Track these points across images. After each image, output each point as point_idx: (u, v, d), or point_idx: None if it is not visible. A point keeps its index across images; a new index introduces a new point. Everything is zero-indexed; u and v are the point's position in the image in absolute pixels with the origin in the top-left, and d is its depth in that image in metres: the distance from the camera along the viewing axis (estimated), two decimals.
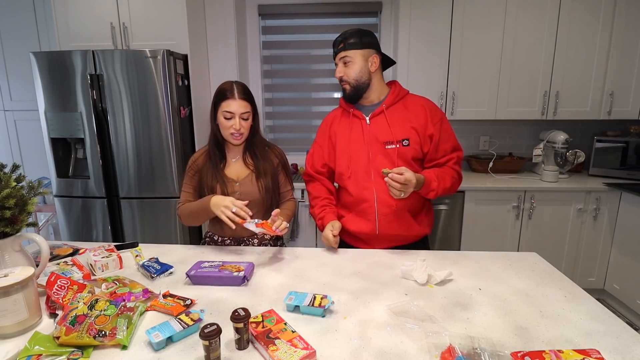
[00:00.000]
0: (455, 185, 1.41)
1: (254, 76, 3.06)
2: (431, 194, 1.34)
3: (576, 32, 2.50)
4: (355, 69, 1.38)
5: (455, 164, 1.42)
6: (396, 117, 1.39)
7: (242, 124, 1.38)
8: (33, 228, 1.08)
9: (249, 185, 1.43)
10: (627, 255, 2.36)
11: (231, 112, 1.36)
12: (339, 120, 1.50)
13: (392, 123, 1.39)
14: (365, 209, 1.42)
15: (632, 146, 2.55)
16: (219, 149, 1.46)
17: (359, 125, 1.43)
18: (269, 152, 1.50)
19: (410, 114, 1.39)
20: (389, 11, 2.89)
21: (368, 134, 1.40)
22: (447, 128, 1.42)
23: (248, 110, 1.38)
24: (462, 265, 1.25)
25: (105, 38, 2.41)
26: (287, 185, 1.54)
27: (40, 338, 0.81)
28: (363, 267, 1.23)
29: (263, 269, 1.22)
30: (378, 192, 1.39)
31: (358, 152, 1.41)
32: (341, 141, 1.45)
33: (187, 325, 0.85)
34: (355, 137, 1.43)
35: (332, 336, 0.86)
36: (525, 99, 2.62)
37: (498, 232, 2.53)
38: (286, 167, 1.54)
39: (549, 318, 0.93)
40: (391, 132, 1.38)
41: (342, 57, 1.39)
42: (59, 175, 2.40)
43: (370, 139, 1.40)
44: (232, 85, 1.39)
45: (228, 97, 1.36)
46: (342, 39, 1.39)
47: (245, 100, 1.38)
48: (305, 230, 2.67)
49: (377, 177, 1.38)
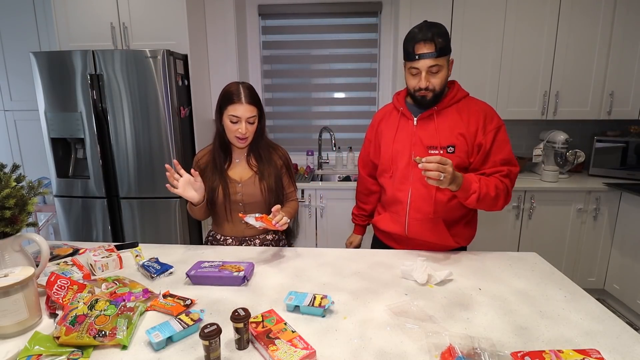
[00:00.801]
0: (500, 197, 1.24)
1: (254, 76, 3.06)
2: (472, 196, 1.19)
3: (576, 32, 2.50)
4: (443, 77, 1.24)
5: (504, 177, 1.25)
6: (446, 121, 1.30)
7: (249, 128, 1.36)
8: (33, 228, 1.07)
9: (252, 187, 1.43)
10: (627, 255, 2.36)
11: (237, 117, 1.34)
12: (388, 117, 1.43)
13: (439, 127, 1.29)
14: (397, 210, 1.39)
15: (632, 146, 2.55)
16: (224, 150, 1.45)
17: (406, 125, 1.36)
18: (272, 153, 1.49)
19: (462, 120, 1.29)
20: (389, 11, 2.89)
21: (413, 135, 1.33)
22: (502, 139, 1.28)
23: (254, 114, 1.36)
24: (462, 265, 1.25)
25: (105, 38, 2.41)
26: (290, 187, 1.54)
27: (40, 338, 0.80)
28: (363, 267, 1.23)
29: (263, 269, 1.22)
30: (413, 196, 1.34)
31: (401, 153, 1.35)
32: (387, 139, 1.40)
33: (187, 325, 0.85)
34: (400, 137, 1.36)
35: (332, 336, 0.86)
36: (525, 99, 2.62)
37: (498, 232, 2.53)
38: (290, 168, 1.53)
39: (549, 318, 0.93)
40: (437, 137, 1.29)
41: (432, 65, 1.20)
42: (59, 175, 2.40)
43: (415, 141, 1.33)
44: (239, 88, 1.36)
45: (235, 101, 1.34)
46: (430, 39, 1.17)
47: (252, 104, 1.35)
48: (305, 230, 2.67)
49: (415, 181, 1.33)
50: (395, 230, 1.41)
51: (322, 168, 3.13)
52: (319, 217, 2.62)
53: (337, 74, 3.06)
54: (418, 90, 1.26)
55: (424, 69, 1.22)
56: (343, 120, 3.14)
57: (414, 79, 1.26)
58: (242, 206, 1.44)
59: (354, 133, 3.12)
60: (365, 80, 3.05)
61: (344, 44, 2.99)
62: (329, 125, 3.03)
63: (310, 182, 2.63)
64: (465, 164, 1.29)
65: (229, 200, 1.42)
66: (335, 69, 3.05)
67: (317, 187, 2.59)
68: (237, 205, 1.44)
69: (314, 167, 3.07)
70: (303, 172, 2.93)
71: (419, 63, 1.21)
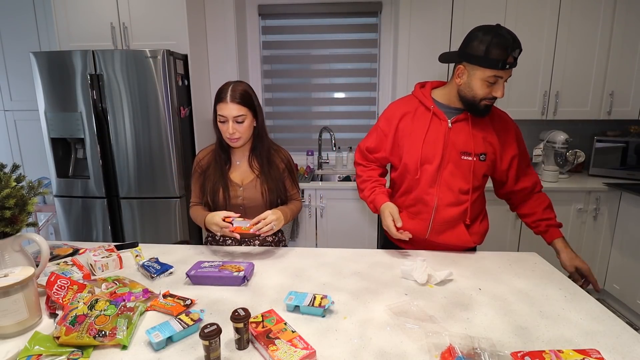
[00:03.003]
0: None
1: (254, 76, 3.06)
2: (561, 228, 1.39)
3: (576, 32, 2.50)
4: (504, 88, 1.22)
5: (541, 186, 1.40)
6: (480, 127, 1.29)
7: (237, 128, 1.33)
8: (33, 228, 1.08)
9: (253, 191, 1.42)
10: (627, 255, 2.36)
11: (224, 116, 1.33)
12: (414, 114, 1.35)
13: (475, 133, 1.28)
14: (421, 212, 1.35)
15: (632, 146, 2.55)
16: (224, 152, 1.44)
17: (438, 126, 1.30)
18: (275, 156, 1.47)
19: (494, 128, 1.30)
20: (389, 11, 2.89)
21: (448, 139, 1.29)
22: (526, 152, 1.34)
23: (242, 113, 1.33)
24: (462, 265, 1.25)
25: (105, 38, 2.41)
26: (293, 189, 1.52)
27: (40, 338, 0.80)
28: (363, 267, 1.23)
29: (263, 269, 1.22)
30: (440, 201, 1.31)
31: (432, 155, 1.30)
32: (414, 139, 1.32)
33: (187, 325, 0.85)
34: (432, 138, 1.30)
35: (332, 336, 0.86)
36: (525, 99, 2.62)
37: (498, 232, 2.53)
38: (292, 171, 1.52)
39: (549, 318, 0.93)
40: (473, 143, 1.28)
41: (507, 77, 1.19)
42: (59, 175, 2.40)
43: (448, 144, 1.29)
44: (228, 87, 1.34)
45: (221, 100, 1.33)
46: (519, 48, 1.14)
47: (239, 103, 1.32)
48: (305, 230, 2.67)
49: (441, 184, 1.31)
50: (416, 231, 1.35)
51: (322, 168, 3.13)
52: (319, 217, 2.62)
53: (337, 74, 3.06)
54: (489, 99, 1.22)
55: (504, 76, 1.17)
56: (343, 120, 3.14)
57: (487, 88, 1.19)
58: (243, 209, 1.43)
59: (354, 133, 3.12)
60: (365, 80, 3.05)
61: (344, 44, 2.99)
62: (329, 125, 3.03)
63: (310, 182, 2.63)
64: (491, 173, 1.34)
65: (229, 203, 1.41)
66: (335, 69, 3.05)
67: (317, 187, 2.59)
68: (237, 208, 1.42)
69: (314, 167, 3.07)
70: (303, 172, 2.93)
71: (506, 72, 1.16)
